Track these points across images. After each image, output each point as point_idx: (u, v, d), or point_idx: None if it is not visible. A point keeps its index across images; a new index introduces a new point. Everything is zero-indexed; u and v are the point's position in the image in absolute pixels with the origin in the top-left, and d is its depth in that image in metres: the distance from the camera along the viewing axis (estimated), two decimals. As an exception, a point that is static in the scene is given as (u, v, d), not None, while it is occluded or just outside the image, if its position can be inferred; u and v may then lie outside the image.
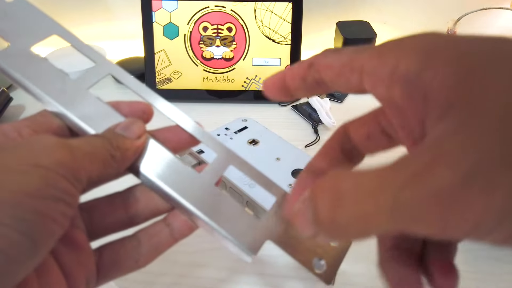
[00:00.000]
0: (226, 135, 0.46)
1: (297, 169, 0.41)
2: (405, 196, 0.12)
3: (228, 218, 0.21)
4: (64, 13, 0.68)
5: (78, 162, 0.18)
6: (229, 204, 0.21)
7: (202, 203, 0.21)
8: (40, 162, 0.17)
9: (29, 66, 0.21)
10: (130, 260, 0.22)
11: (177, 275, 0.33)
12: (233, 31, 0.54)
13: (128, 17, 0.69)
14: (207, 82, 0.55)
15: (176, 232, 0.23)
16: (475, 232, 0.12)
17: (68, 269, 0.19)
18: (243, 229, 0.21)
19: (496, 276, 0.32)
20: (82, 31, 0.70)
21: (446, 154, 0.12)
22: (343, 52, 0.17)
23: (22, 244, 0.15)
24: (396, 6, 0.68)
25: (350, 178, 0.14)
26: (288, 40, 0.54)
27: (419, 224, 0.12)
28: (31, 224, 0.16)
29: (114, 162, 0.19)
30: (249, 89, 0.55)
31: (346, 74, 0.17)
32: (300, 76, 0.19)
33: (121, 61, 0.63)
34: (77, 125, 0.21)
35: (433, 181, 0.12)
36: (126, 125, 0.21)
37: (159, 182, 0.21)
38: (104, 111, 0.21)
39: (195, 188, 0.21)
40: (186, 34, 0.54)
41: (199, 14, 0.53)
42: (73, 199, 0.17)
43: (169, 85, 0.55)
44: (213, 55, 0.54)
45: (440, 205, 0.12)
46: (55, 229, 0.17)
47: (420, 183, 0.12)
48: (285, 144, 0.45)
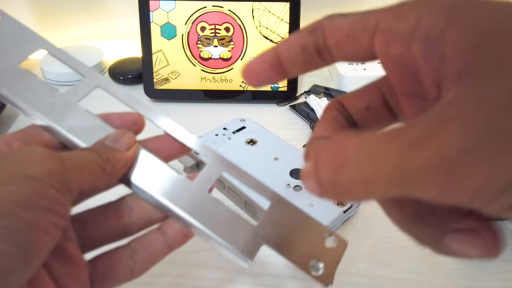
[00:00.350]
0: (224, 135, 0.46)
1: (295, 169, 0.41)
2: (408, 160, 0.12)
3: (223, 224, 0.21)
4: (61, 14, 0.68)
5: (68, 173, 0.18)
6: (224, 211, 0.21)
7: (196, 210, 0.21)
8: (30, 173, 0.16)
9: (17, 82, 0.21)
10: (124, 269, 0.22)
11: (176, 276, 0.33)
12: (231, 31, 0.54)
13: (125, 17, 0.69)
14: (205, 82, 0.55)
15: (171, 241, 0.22)
16: (476, 200, 0.12)
17: (60, 281, 0.19)
18: (238, 235, 0.21)
19: (493, 275, 0.33)
20: (79, 31, 0.70)
21: (454, 119, 0.12)
22: (352, 14, 0.17)
23: (13, 255, 0.15)
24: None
25: (354, 139, 0.13)
26: (286, 40, 0.54)
27: (420, 188, 0.12)
28: (22, 235, 0.15)
29: (105, 174, 0.19)
30: (247, 89, 0.55)
31: (356, 34, 0.16)
32: (300, 45, 0.17)
33: (119, 61, 0.63)
34: (67, 139, 0.21)
35: (438, 146, 0.11)
36: (115, 136, 0.21)
37: (152, 192, 0.21)
38: (94, 123, 0.21)
39: (188, 196, 0.21)
40: (183, 34, 0.54)
41: (196, 14, 0.53)
42: (64, 209, 0.17)
43: (167, 85, 0.55)
44: (211, 55, 0.54)
45: (444, 170, 0.11)
46: (47, 240, 0.16)
47: (424, 148, 0.12)
48: (283, 144, 0.45)
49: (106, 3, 0.67)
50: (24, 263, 0.15)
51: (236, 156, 0.43)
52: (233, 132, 0.47)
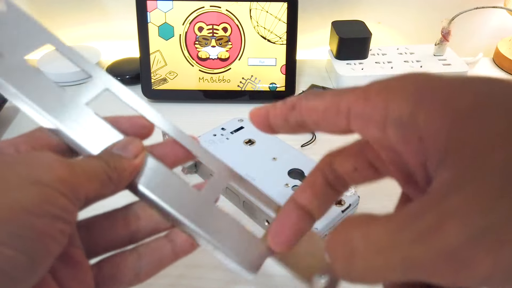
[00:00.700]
0: (222, 135, 0.46)
1: (294, 169, 0.41)
2: (415, 253, 0.13)
3: (229, 236, 0.21)
4: (59, 14, 0.68)
5: (77, 180, 0.18)
6: (230, 222, 0.21)
7: (202, 221, 0.21)
8: (39, 179, 0.16)
9: (24, 80, 0.20)
10: (130, 273, 0.22)
11: (175, 277, 0.33)
12: (229, 31, 0.54)
13: (123, 18, 0.68)
14: (203, 83, 0.55)
15: (179, 249, 0.22)
16: (486, 285, 0.13)
17: (64, 284, 0.19)
18: (243, 247, 0.21)
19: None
20: (76, 31, 0.70)
21: (454, 212, 0.12)
22: (325, 95, 0.17)
23: (20, 262, 0.15)
24: (390, 5, 0.68)
25: (359, 232, 0.14)
26: (284, 40, 0.54)
27: (431, 278, 0.13)
28: (29, 242, 0.15)
29: (111, 182, 0.19)
30: (245, 89, 0.55)
31: (332, 117, 0.17)
32: (282, 117, 0.19)
33: (116, 61, 0.63)
34: (75, 143, 0.20)
35: (443, 239, 0.12)
36: (123, 144, 0.21)
37: (158, 200, 0.20)
38: (102, 127, 0.21)
39: (195, 206, 0.21)
40: (181, 34, 0.54)
41: (194, 14, 0.53)
42: (71, 216, 0.17)
43: (164, 86, 0.55)
44: (209, 55, 0.54)
45: (451, 262, 0.12)
46: (54, 247, 0.16)
47: (429, 242, 0.12)
48: (281, 144, 0.45)
49: (104, 4, 0.67)
50: (31, 270, 0.15)
51: (234, 156, 0.43)
52: (231, 132, 0.47)
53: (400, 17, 0.70)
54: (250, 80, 0.55)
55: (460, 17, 0.57)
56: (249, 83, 0.55)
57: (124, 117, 0.22)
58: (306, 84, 0.60)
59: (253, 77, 0.55)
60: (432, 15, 0.68)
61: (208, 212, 0.21)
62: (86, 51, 0.64)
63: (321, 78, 0.62)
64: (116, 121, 0.22)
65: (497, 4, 0.64)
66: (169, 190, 0.21)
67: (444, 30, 0.59)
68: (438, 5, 0.68)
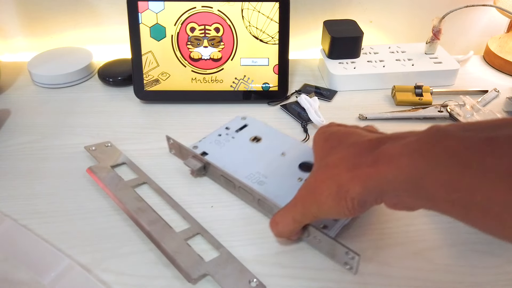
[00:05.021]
0: (227, 134, 0.46)
1: (304, 162, 0.41)
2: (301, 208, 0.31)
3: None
4: (52, 18, 0.67)
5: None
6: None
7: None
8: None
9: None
10: None
11: (171, 278, 0.33)
12: (221, 31, 0.54)
13: (115, 22, 0.68)
14: (196, 83, 0.55)
15: None
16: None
17: None
18: None
19: (486, 269, 0.33)
20: (70, 35, 0.69)
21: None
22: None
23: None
24: (381, 4, 0.68)
25: (277, 214, 0.33)
26: (276, 39, 0.54)
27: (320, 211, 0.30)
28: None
29: None
30: (237, 89, 0.55)
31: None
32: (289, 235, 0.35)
33: (108, 63, 0.62)
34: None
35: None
36: None
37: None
38: None
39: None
40: (173, 35, 0.53)
41: (186, 14, 0.53)
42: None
43: (157, 87, 0.55)
44: (201, 56, 0.54)
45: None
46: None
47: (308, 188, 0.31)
48: (287, 139, 0.45)
49: (95, 7, 0.67)
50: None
51: (243, 154, 0.43)
52: (236, 131, 0.47)
53: (391, 16, 0.70)
54: (243, 80, 0.55)
55: (450, 16, 0.58)
56: (242, 83, 0.55)
57: None
58: (299, 84, 0.60)
59: (246, 77, 0.55)
60: (423, 13, 0.69)
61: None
62: (78, 53, 0.64)
63: (314, 78, 0.62)
64: None
65: (487, 2, 0.65)
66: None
67: (435, 28, 0.60)
68: (429, 4, 0.69)
